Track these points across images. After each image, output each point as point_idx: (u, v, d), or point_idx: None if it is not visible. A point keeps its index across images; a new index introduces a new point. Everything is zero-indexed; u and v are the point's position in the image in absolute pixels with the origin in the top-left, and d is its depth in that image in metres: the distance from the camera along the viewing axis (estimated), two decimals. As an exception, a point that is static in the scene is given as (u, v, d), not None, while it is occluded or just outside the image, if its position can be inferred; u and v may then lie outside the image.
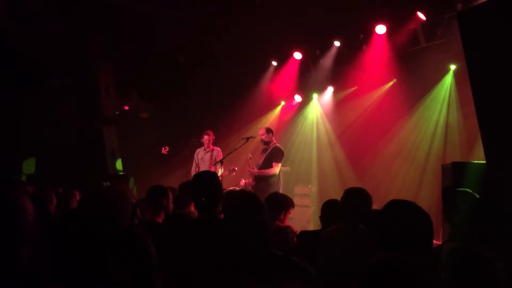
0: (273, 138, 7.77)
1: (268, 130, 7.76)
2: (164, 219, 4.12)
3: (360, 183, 9.63)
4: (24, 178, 8.77)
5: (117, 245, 1.98)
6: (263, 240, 2.49)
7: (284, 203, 4.19)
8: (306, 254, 3.06)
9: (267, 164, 7.45)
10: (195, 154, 8.39)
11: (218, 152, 8.17)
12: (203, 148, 8.30)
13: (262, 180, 7.37)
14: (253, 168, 7.57)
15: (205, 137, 8.20)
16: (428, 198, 7.88)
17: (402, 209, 2.29)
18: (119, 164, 9.85)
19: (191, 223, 3.22)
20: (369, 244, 2.31)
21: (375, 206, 3.56)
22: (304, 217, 9.54)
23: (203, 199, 3.19)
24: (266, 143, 7.69)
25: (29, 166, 9.11)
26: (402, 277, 1.54)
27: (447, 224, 3.43)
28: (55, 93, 9.41)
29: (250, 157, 7.74)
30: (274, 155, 7.49)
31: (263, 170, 7.45)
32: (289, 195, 5.10)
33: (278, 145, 7.72)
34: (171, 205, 4.27)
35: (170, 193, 4.29)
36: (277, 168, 7.40)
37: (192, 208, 4.62)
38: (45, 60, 8.87)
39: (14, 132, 8.75)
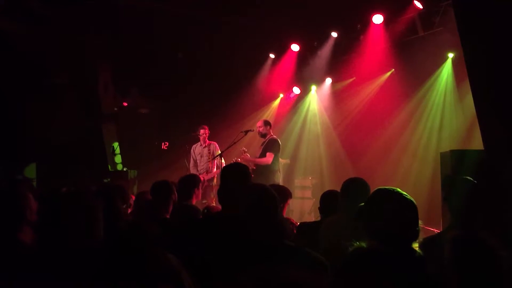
0: (271, 131, 7.77)
1: (266, 123, 7.78)
2: (172, 214, 4.13)
3: (360, 173, 9.66)
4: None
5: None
6: (276, 232, 2.50)
7: (281, 194, 4.18)
8: (305, 245, 3.06)
9: (263, 155, 7.47)
10: (192, 150, 8.40)
11: (215, 146, 8.20)
12: (199, 143, 8.31)
13: (260, 174, 7.36)
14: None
15: (202, 131, 8.22)
16: (427, 187, 7.90)
17: (385, 196, 2.32)
18: (118, 160, 9.86)
19: (214, 218, 3.19)
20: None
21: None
22: (305, 209, 9.57)
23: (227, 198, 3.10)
24: (263, 135, 7.70)
25: (30, 171, 9.10)
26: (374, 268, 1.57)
27: (447, 212, 3.43)
28: (53, 91, 9.39)
29: (244, 150, 7.73)
30: (269, 145, 7.51)
31: (255, 159, 7.47)
32: (289, 187, 5.11)
33: (274, 136, 7.73)
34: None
35: (175, 188, 4.30)
36: (269, 158, 7.38)
37: (194, 202, 4.64)
38: (42, 58, 8.85)
39: (13, 131, 8.74)
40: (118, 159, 9.87)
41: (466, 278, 1.95)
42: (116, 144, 9.82)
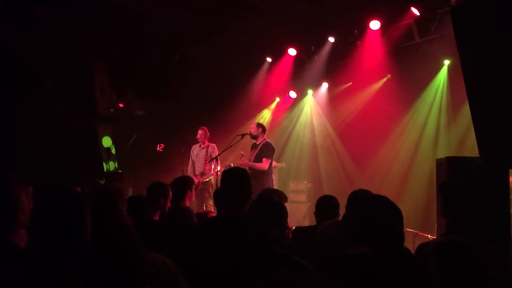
0: (263, 134, 7.77)
1: (259, 125, 7.80)
2: (161, 216, 4.12)
3: (355, 178, 9.70)
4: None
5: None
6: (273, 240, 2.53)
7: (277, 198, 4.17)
8: (301, 249, 3.06)
9: (258, 160, 7.47)
10: (191, 151, 8.39)
11: (213, 148, 8.17)
12: (198, 144, 8.31)
13: (254, 177, 7.36)
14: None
15: (199, 131, 8.21)
16: (423, 193, 7.92)
17: (369, 202, 2.37)
18: (113, 161, 9.83)
19: (217, 222, 3.19)
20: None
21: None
22: (299, 213, 9.56)
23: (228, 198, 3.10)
24: (254, 137, 7.71)
25: (25, 172, 9.02)
26: (368, 271, 1.60)
27: (442, 219, 3.44)
28: (49, 92, 9.37)
29: (242, 154, 7.74)
30: (265, 150, 7.51)
31: (253, 163, 7.47)
32: (284, 191, 5.10)
33: (268, 140, 7.74)
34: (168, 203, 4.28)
35: (170, 190, 4.30)
36: (266, 164, 7.39)
37: (187, 203, 4.63)
38: (39, 60, 8.82)
39: (8, 132, 8.70)
40: (113, 160, 9.85)
41: (450, 283, 1.96)
42: (109, 143, 9.77)
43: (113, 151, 9.79)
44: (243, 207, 3.06)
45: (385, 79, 9.52)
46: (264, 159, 7.42)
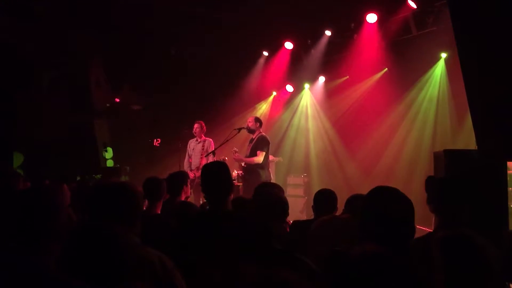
0: (260, 129, 7.75)
1: (257, 119, 7.77)
2: (163, 210, 4.12)
3: (353, 172, 9.69)
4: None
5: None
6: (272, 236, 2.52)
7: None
8: (298, 243, 3.05)
9: (253, 153, 7.46)
10: (188, 145, 8.37)
11: (209, 142, 8.15)
12: (195, 139, 8.29)
13: (251, 171, 7.36)
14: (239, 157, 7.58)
15: (196, 125, 8.19)
16: (419, 186, 7.90)
17: (380, 194, 2.28)
18: (110, 155, 9.81)
19: (203, 215, 3.20)
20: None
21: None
22: (297, 207, 9.55)
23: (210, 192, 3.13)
24: (251, 131, 7.69)
25: (20, 167, 8.99)
26: (378, 271, 1.56)
27: (434, 213, 3.41)
28: (45, 87, 9.32)
29: (235, 150, 7.70)
30: (259, 143, 7.50)
31: (247, 158, 7.46)
32: (282, 185, 5.09)
33: (263, 134, 7.71)
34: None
35: (165, 184, 4.28)
36: (261, 157, 7.38)
37: (183, 198, 4.63)
38: (35, 54, 8.77)
39: (5, 127, 8.66)
40: (109, 155, 9.83)
41: (454, 278, 1.94)
42: (110, 150, 9.77)
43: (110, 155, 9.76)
44: (226, 200, 3.14)
45: (382, 73, 9.50)
46: (258, 152, 7.40)
